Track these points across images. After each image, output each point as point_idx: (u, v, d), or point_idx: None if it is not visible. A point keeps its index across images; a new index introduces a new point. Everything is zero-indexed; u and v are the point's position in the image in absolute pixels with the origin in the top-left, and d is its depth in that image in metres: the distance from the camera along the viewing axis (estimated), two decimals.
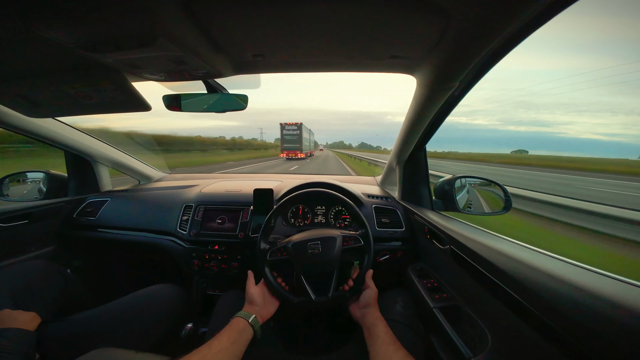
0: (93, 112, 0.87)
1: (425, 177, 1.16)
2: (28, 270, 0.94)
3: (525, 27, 0.45)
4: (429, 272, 0.95)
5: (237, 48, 0.61)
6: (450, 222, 0.87)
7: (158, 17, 0.46)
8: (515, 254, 0.57)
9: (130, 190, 1.50)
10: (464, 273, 0.73)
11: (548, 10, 0.40)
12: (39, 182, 1.36)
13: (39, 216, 1.20)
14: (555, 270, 0.47)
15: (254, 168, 15.43)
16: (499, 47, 0.51)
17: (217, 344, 0.61)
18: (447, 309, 0.75)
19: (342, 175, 1.72)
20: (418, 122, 0.91)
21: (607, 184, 10.93)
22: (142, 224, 1.29)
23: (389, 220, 1.17)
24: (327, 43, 0.58)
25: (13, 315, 0.73)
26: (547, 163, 29.75)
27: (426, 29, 0.50)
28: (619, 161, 45.27)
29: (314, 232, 0.90)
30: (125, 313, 0.92)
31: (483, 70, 0.61)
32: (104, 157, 1.43)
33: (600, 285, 0.41)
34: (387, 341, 0.65)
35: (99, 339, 0.79)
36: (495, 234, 0.74)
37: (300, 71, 0.75)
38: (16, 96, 0.80)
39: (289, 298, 0.82)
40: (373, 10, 0.46)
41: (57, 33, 0.50)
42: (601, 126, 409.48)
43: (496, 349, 0.58)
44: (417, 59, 0.63)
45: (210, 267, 1.16)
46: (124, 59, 0.59)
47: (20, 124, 1.02)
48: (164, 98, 0.81)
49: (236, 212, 1.20)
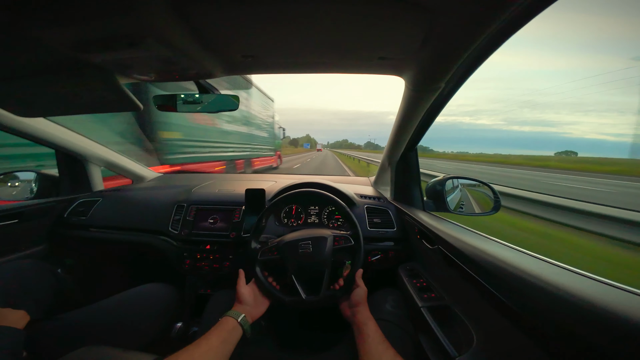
0: (84, 111, 0.86)
1: (417, 178, 1.17)
2: (19, 269, 0.93)
3: (509, 25, 0.45)
4: (419, 272, 0.96)
5: (227, 48, 0.61)
6: (440, 223, 0.88)
7: (146, 17, 0.46)
8: (501, 255, 0.58)
9: (122, 190, 1.50)
10: (452, 273, 0.74)
11: (532, 7, 0.41)
12: (30, 181, 1.35)
13: (29, 216, 1.19)
14: (540, 271, 0.48)
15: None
16: (484, 46, 0.52)
17: (206, 343, 0.62)
18: (435, 309, 0.76)
19: (336, 176, 1.73)
20: (408, 123, 0.92)
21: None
22: (133, 224, 1.28)
23: (380, 220, 1.18)
24: (316, 44, 0.59)
25: (2, 313, 0.72)
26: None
27: (410, 30, 0.50)
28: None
29: (306, 232, 0.90)
30: (116, 312, 0.92)
31: (469, 71, 0.62)
32: (96, 156, 1.43)
33: (583, 286, 0.42)
34: (377, 340, 0.66)
35: (89, 337, 0.79)
36: (483, 234, 0.75)
37: (290, 72, 0.75)
38: (6, 96, 0.80)
39: (279, 297, 0.82)
40: (359, 12, 0.46)
41: (46, 32, 0.50)
42: (608, 126, 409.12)
43: (481, 348, 0.59)
44: (403, 60, 0.63)
45: (202, 266, 1.16)
46: (113, 59, 0.59)
47: (11, 123, 1.01)
48: (154, 98, 0.81)
49: (228, 212, 1.21)
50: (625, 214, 3.16)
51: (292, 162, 22.67)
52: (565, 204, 3.89)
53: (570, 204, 3.84)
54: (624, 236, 3.04)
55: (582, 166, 24.50)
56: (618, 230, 3.12)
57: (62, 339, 0.79)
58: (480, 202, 1.06)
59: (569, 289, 0.42)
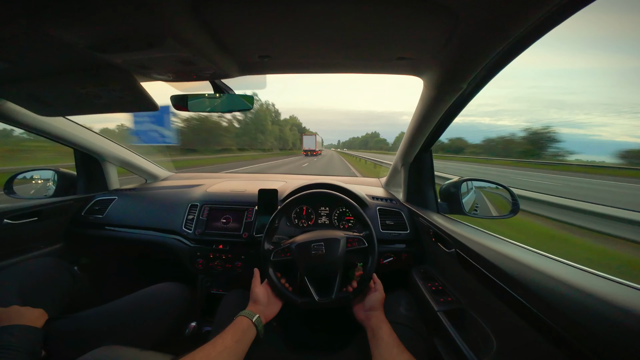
0: (102, 111, 0.88)
1: (431, 179, 1.15)
2: (36, 267, 0.95)
3: (535, 30, 0.44)
4: (434, 275, 0.94)
5: (244, 49, 0.61)
6: (456, 225, 0.86)
7: (167, 18, 0.47)
8: (522, 258, 0.56)
9: (138, 189, 1.52)
10: (469, 276, 0.72)
11: (558, 13, 0.40)
12: (49, 180, 1.38)
13: (48, 214, 1.22)
14: (561, 274, 0.47)
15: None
16: (509, 49, 0.51)
17: (222, 343, 0.62)
18: (452, 312, 0.74)
19: (346, 177, 1.72)
20: (424, 124, 0.90)
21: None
22: (148, 223, 1.30)
23: (393, 222, 1.16)
24: (333, 45, 0.59)
25: (20, 311, 0.74)
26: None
27: (434, 32, 0.49)
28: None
29: (318, 233, 0.90)
30: (131, 311, 0.92)
31: (492, 72, 0.60)
32: (113, 156, 1.46)
33: (605, 289, 0.41)
34: (391, 344, 0.65)
35: (104, 337, 0.79)
36: (501, 237, 0.73)
37: (306, 72, 0.75)
38: (28, 95, 0.82)
39: (292, 299, 0.82)
40: (379, 12, 0.46)
41: (67, 34, 0.51)
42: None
43: (501, 352, 0.58)
44: (424, 61, 0.62)
45: (214, 266, 1.17)
46: (133, 60, 0.60)
47: (32, 122, 1.04)
48: (171, 98, 0.82)
49: (241, 212, 1.21)
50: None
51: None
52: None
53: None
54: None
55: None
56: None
57: (79, 338, 0.80)
58: (497, 205, 1.04)
59: (594, 292, 0.40)
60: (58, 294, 0.93)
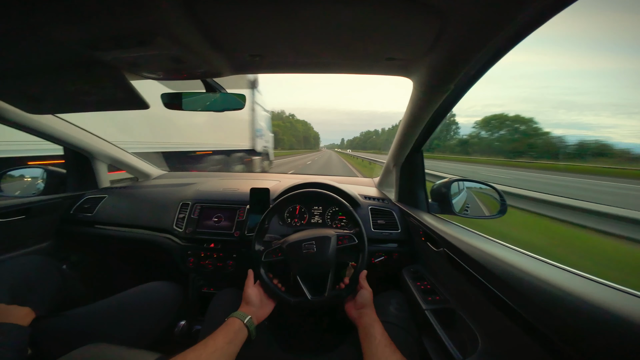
0: (92, 109, 0.88)
1: (422, 180, 1.17)
2: (25, 265, 0.94)
3: (522, 28, 0.45)
4: (424, 274, 0.95)
5: (235, 47, 0.61)
6: (445, 225, 0.88)
7: (158, 16, 0.47)
8: (508, 258, 0.57)
9: (128, 187, 1.51)
10: (457, 276, 0.73)
11: (545, 11, 0.41)
12: (38, 178, 1.36)
13: (36, 212, 1.21)
14: (547, 275, 0.48)
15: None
16: (496, 48, 0.52)
17: (213, 344, 0.62)
18: (440, 311, 0.75)
19: (340, 177, 1.72)
20: (415, 124, 0.91)
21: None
22: (139, 221, 1.29)
23: (385, 221, 1.17)
24: (324, 44, 0.59)
25: (7, 309, 0.73)
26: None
27: (421, 31, 0.50)
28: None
29: (309, 232, 0.90)
30: (121, 309, 0.92)
31: (481, 72, 0.61)
32: (103, 153, 1.44)
33: (590, 290, 0.42)
34: (384, 343, 0.65)
35: (93, 335, 0.79)
36: (489, 237, 0.74)
37: (297, 72, 0.75)
38: (16, 93, 0.81)
39: (285, 299, 0.82)
40: (369, 12, 0.46)
41: (57, 31, 0.50)
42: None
43: (486, 351, 0.59)
44: (412, 61, 0.63)
45: (205, 265, 1.16)
46: (123, 57, 0.60)
47: (20, 120, 1.02)
48: (162, 96, 0.82)
49: (232, 210, 1.21)
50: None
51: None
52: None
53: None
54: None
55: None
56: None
57: (66, 337, 0.79)
58: (487, 205, 1.06)
59: (576, 293, 0.41)
60: (47, 292, 0.92)
